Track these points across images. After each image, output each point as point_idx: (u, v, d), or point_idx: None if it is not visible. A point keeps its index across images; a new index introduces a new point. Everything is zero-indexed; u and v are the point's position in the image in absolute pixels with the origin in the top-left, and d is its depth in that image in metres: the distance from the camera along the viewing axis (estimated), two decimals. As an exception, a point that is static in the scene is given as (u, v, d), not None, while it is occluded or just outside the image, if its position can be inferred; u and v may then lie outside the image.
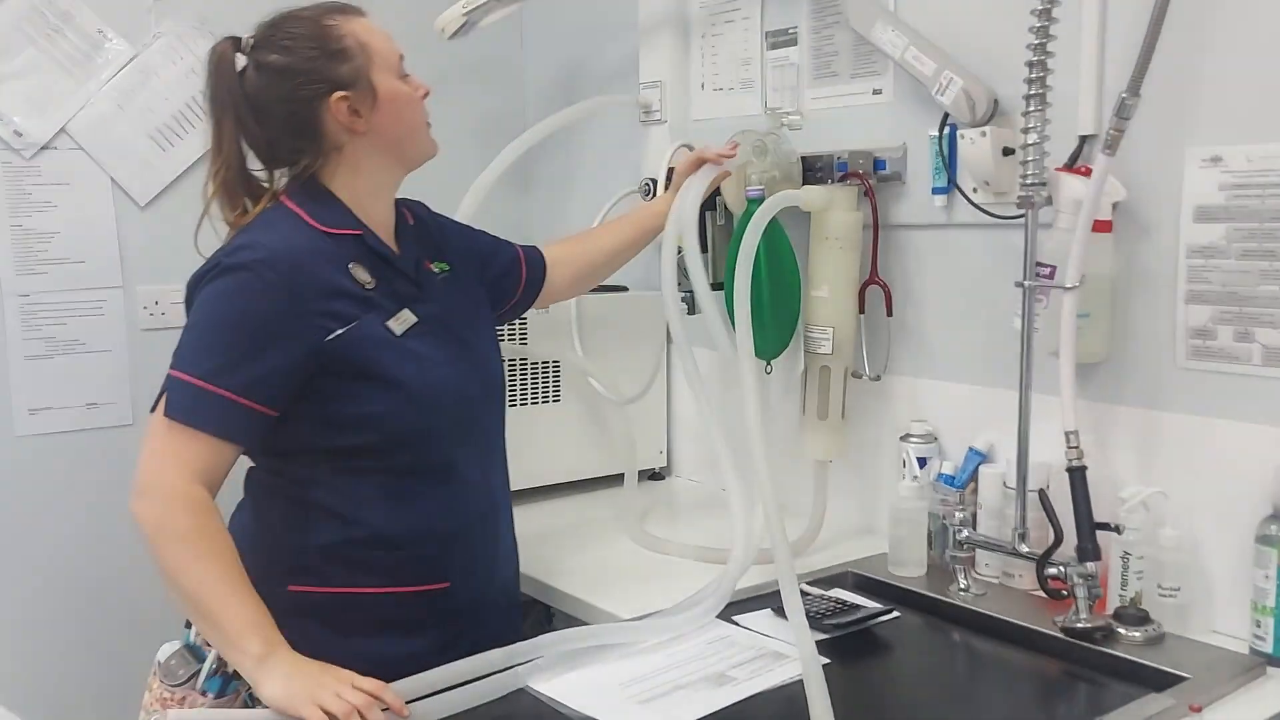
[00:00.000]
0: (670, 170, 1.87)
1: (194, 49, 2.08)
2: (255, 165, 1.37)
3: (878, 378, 1.71)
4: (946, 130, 1.59)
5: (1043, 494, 1.38)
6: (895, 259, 1.73)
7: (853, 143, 1.75)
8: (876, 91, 1.75)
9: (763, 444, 1.46)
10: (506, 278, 1.62)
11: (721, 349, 1.49)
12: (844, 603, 1.46)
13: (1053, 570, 1.36)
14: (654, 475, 2.21)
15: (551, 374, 2.04)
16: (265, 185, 1.37)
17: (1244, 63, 1.31)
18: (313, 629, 1.27)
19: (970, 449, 1.64)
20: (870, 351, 1.73)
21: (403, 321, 1.33)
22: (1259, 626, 1.29)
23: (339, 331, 1.27)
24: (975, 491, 1.61)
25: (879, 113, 1.74)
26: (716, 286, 1.89)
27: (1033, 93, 1.37)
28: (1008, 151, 1.52)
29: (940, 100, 1.54)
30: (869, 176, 1.70)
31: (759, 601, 1.49)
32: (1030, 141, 1.38)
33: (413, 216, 1.49)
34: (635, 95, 2.12)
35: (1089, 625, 1.33)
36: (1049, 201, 1.41)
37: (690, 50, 2.08)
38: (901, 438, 1.70)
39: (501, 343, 1.60)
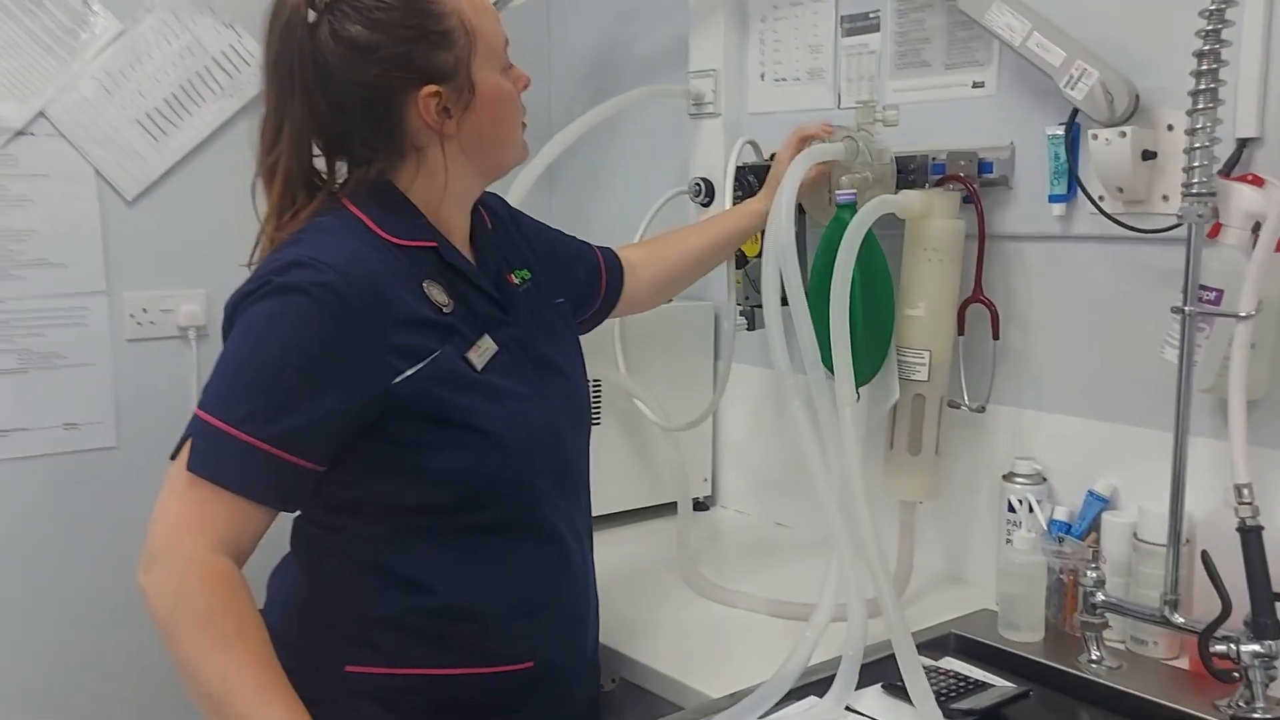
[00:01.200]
0: (739, 169, 1.66)
1: (190, 26, 1.84)
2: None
3: (982, 409, 1.51)
4: (1071, 129, 1.39)
5: (1207, 556, 1.18)
6: (999, 274, 1.52)
7: (948, 141, 1.54)
8: (977, 84, 1.54)
9: (864, 488, 1.26)
10: (587, 285, 1.42)
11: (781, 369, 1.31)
12: (966, 679, 1.26)
13: (1220, 647, 1.16)
14: (698, 505, 2.00)
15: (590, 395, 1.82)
16: (323, 178, 1.14)
17: None
18: (372, 717, 1.07)
19: (1089, 493, 1.44)
20: (969, 378, 1.52)
21: (484, 352, 1.12)
22: None
23: (410, 371, 1.05)
24: (1097, 543, 1.41)
25: (980, 108, 1.53)
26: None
27: (1203, 87, 1.17)
28: (1148, 155, 1.32)
29: (1070, 94, 1.34)
30: (973, 180, 1.49)
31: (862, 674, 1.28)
32: (1197, 145, 1.18)
33: (491, 218, 1.27)
34: (684, 85, 1.91)
35: (1267, 716, 1.13)
36: (1215, 215, 1.20)
37: (749, 35, 1.87)
38: (1005, 477, 1.50)
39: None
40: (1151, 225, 1.34)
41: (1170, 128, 1.32)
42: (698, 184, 1.86)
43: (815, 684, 1.21)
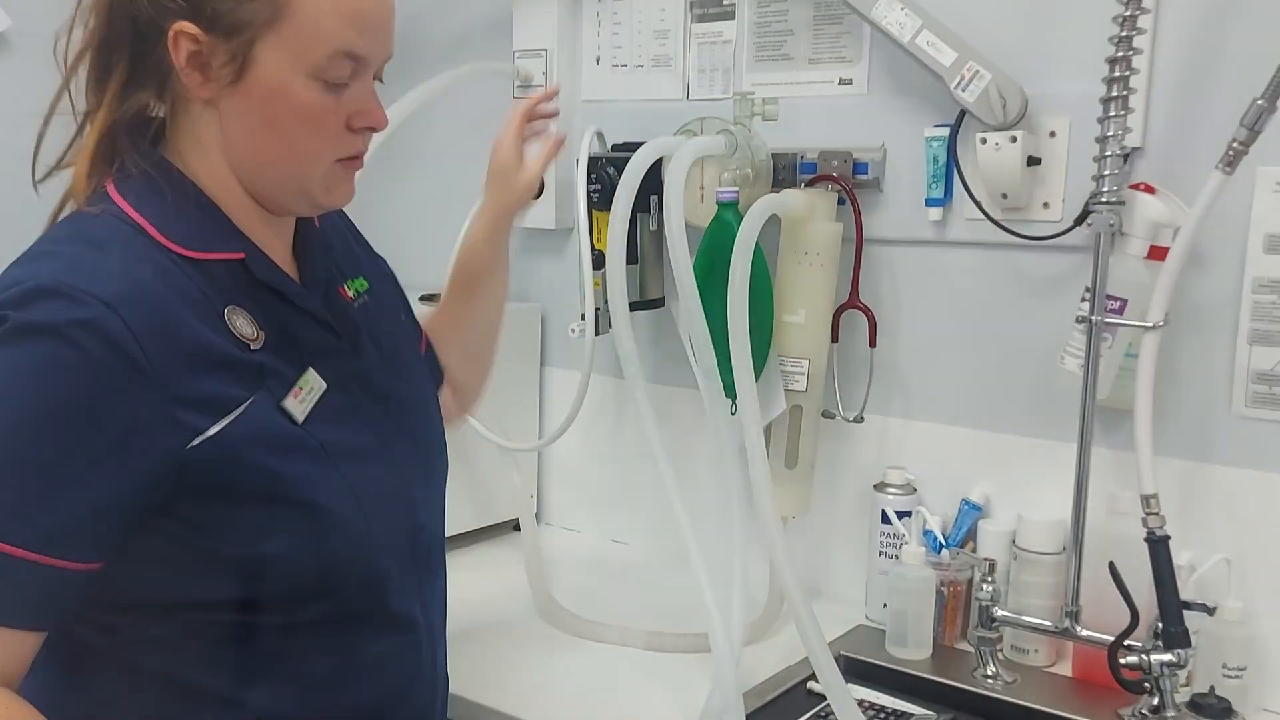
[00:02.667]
0: (593, 161, 1.52)
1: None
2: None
3: (860, 419, 1.45)
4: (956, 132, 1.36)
5: (1114, 567, 1.17)
6: (868, 279, 1.48)
7: (814, 140, 1.48)
8: (845, 81, 1.49)
9: (774, 513, 1.18)
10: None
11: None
12: (883, 709, 1.19)
13: (1131, 658, 1.16)
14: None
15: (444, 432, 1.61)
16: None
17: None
18: None
19: (964, 501, 1.42)
20: (843, 387, 1.46)
21: (307, 395, 0.87)
22: (1347, 710, 1.16)
23: (210, 432, 0.80)
24: (974, 552, 1.40)
25: (847, 106, 1.48)
26: (647, 304, 1.56)
27: (1114, 94, 1.16)
28: (1033, 161, 1.31)
29: (961, 96, 1.30)
30: (848, 181, 1.43)
31: (770, 714, 1.19)
32: (1108, 153, 1.17)
33: (320, 216, 1.01)
34: (510, 64, 1.74)
35: (1179, 723, 1.14)
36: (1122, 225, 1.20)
37: (582, 15, 1.73)
38: (876, 487, 1.45)
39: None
40: (1032, 232, 1.33)
41: (1053, 134, 1.31)
42: (527, 174, 1.70)
43: None
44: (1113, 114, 1.16)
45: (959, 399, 1.44)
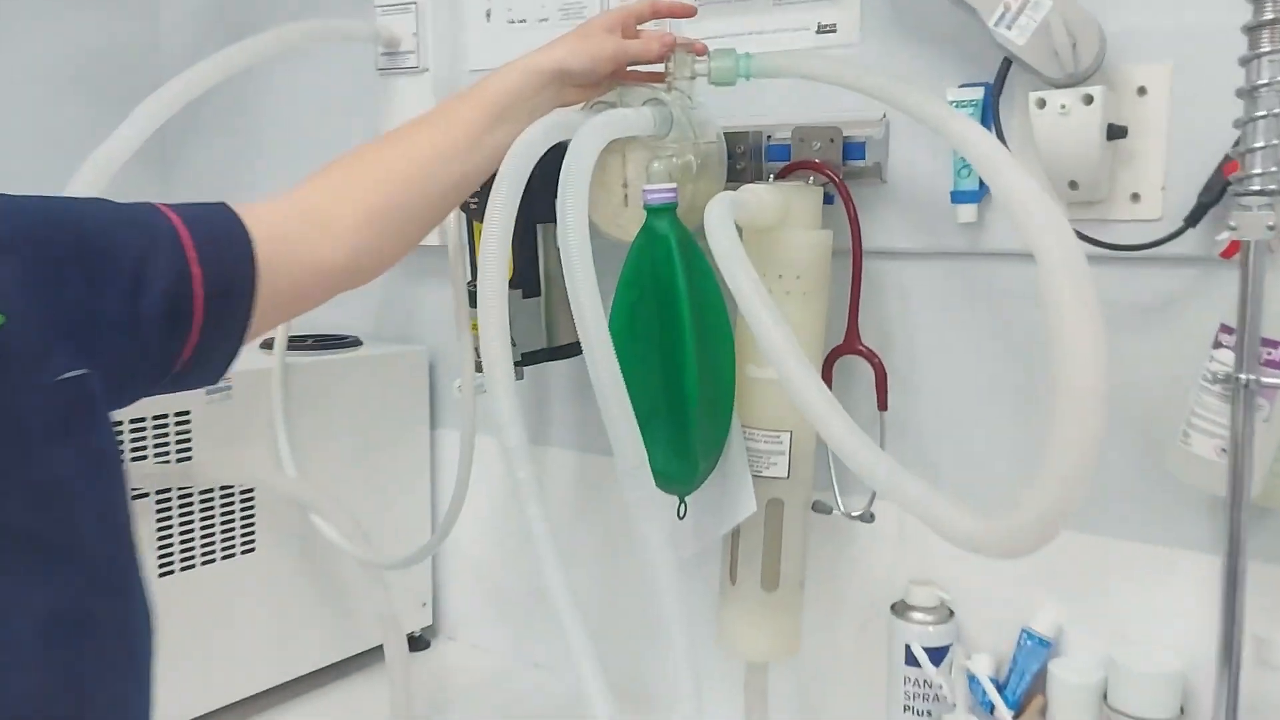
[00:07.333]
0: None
1: None
2: None
3: (870, 517, 1.00)
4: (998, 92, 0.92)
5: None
6: (873, 311, 1.03)
7: (786, 113, 1.03)
8: (826, 28, 1.04)
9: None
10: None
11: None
12: None
13: None
14: (414, 643, 1.37)
15: (240, 509, 1.16)
16: None
17: None
18: None
19: (1025, 633, 0.98)
20: (840, 469, 1.01)
21: None
22: None
23: None
24: (1045, 708, 0.96)
25: (832, 63, 1.03)
26: (558, 352, 1.11)
27: (1270, 17, 0.72)
28: (1116, 132, 0.87)
29: (1005, 36, 0.86)
30: (837, 170, 0.99)
31: None
32: (1259, 113, 0.73)
33: None
34: (370, 23, 1.29)
35: None
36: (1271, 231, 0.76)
37: (465, -42, 1.28)
38: (894, 609, 1.01)
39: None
40: (1117, 237, 0.89)
41: (1142, 91, 0.88)
42: (398, 171, 1.25)
43: None
44: (1266, 48, 0.72)
45: (1009, 481, 0.99)
